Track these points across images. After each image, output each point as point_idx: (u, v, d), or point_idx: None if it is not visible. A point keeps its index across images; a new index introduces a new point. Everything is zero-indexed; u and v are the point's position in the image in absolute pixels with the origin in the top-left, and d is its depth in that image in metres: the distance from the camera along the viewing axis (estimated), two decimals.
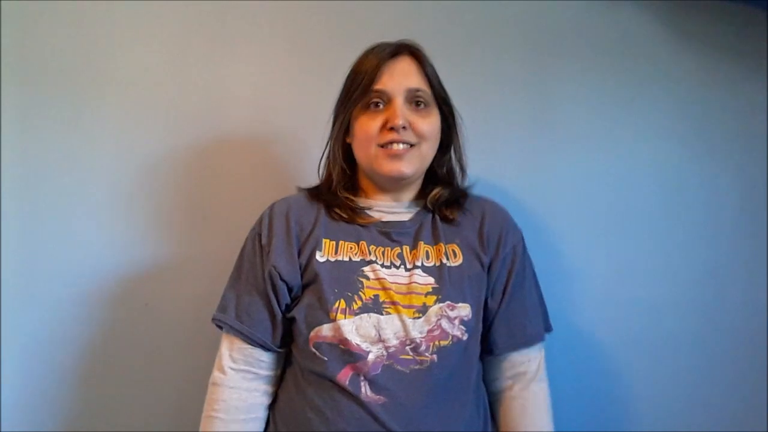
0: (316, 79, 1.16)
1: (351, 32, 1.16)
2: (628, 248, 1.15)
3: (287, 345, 0.93)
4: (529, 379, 0.95)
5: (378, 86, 0.91)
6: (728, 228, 1.15)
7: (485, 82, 1.18)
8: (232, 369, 0.91)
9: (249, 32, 1.17)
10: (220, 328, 0.93)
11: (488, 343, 0.94)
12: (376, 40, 0.95)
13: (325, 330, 0.87)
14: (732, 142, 1.15)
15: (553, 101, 1.17)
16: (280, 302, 0.91)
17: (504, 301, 0.94)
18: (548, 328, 0.99)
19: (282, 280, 0.90)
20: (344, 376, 0.85)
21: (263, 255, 0.92)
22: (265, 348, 0.92)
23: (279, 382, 0.95)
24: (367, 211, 0.96)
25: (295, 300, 0.91)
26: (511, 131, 1.18)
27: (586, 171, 1.17)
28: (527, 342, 0.95)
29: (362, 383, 0.84)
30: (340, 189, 0.97)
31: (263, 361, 0.92)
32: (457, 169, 1.02)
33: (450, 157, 1.00)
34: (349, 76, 0.95)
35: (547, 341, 0.96)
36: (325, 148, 0.99)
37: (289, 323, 0.91)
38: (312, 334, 0.87)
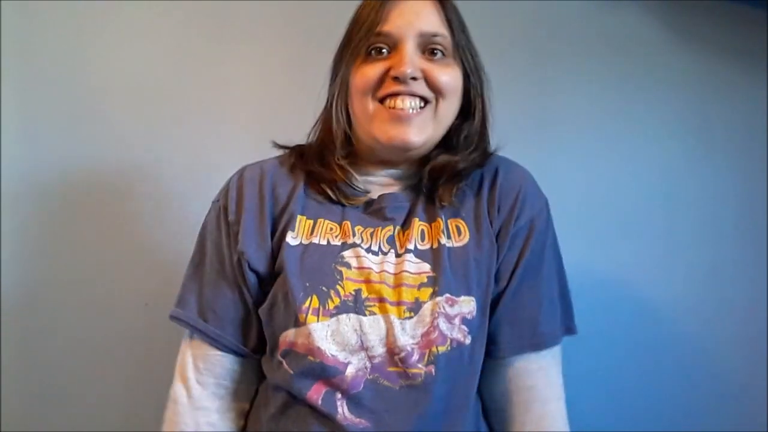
0: (316, 79, 1.16)
1: None
2: (628, 248, 1.15)
3: (264, 350, 0.75)
4: (538, 396, 0.72)
5: (381, 28, 0.71)
6: (728, 228, 1.15)
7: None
8: (197, 382, 0.73)
9: (249, 32, 1.17)
10: (177, 322, 0.76)
11: (488, 341, 0.73)
12: None
13: (293, 336, 0.68)
14: (732, 142, 1.15)
15: (553, 101, 1.17)
16: (251, 295, 0.73)
17: (510, 287, 0.72)
18: (570, 330, 0.76)
19: (251, 269, 0.72)
20: (316, 393, 0.67)
21: (230, 236, 0.73)
22: (237, 354, 0.74)
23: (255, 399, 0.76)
24: (362, 190, 0.76)
25: (266, 294, 0.72)
26: (510, 131, 1.17)
27: (585, 171, 1.16)
28: (538, 344, 0.72)
29: (339, 402, 0.66)
30: (340, 157, 0.75)
31: (235, 370, 0.74)
32: (477, 141, 0.77)
33: (474, 125, 0.77)
34: (351, 21, 0.76)
35: None
36: (324, 108, 0.80)
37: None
38: (281, 339, 0.69)
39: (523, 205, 0.75)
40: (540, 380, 0.73)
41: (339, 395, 0.66)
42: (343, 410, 0.66)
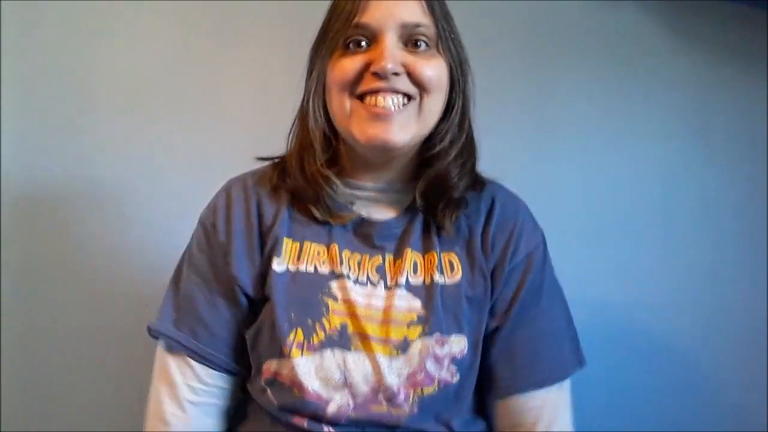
0: None
1: None
2: (628, 248, 1.15)
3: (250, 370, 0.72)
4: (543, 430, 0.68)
5: (359, 19, 0.65)
6: (728, 228, 1.15)
7: (484, 81, 1.17)
8: (191, 403, 0.69)
9: (249, 32, 1.17)
10: (156, 338, 0.71)
11: (486, 379, 0.71)
12: None
13: (276, 366, 0.66)
14: (732, 142, 1.15)
15: (553, 101, 1.17)
16: (243, 316, 0.71)
17: (506, 325, 0.70)
18: (578, 363, 0.72)
19: (243, 292, 0.69)
20: (300, 420, 0.66)
21: (222, 256, 0.70)
22: (230, 373, 0.71)
23: (241, 414, 0.74)
24: (348, 206, 0.71)
25: (255, 315, 0.70)
26: (509, 131, 1.17)
27: (585, 171, 1.16)
28: (537, 382, 0.69)
29: (326, 429, 0.65)
30: (322, 163, 0.68)
31: (227, 389, 0.72)
32: (462, 143, 0.71)
33: (453, 124, 0.70)
34: (328, 10, 0.71)
35: None
36: (300, 106, 0.73)
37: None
38: (265, 366, 0.67)
39: (519, 242, 0.72)
40: (544, 416, 0.69)
41: (324, 423, 0.65)
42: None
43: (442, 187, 0.70)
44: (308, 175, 0.69)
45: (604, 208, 1.16)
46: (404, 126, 0.66)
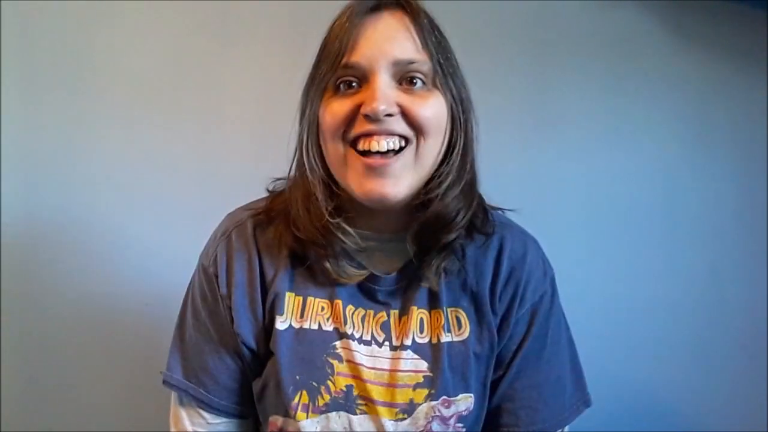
0: None
1: None
2: (628, 248, 1.15)
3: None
4: None
5: (348, 59, 0.60)
6: (728, 228, 1.15)
7: (484, 81, 1.17)
8: None
9: (249, 32, 1.17)
10: (169, 387, 0.71)
11: (488, 421, 0.70)
12: None
13: (282, 423, 0.66)
14: (732, 142, 1.15)
15: (553, 101, 1.17)
16: (247, 366, 0.69)
17: (508, 375, 0.69)
18: (585, 403, 0.72)
19: (247, 348, 0.68)
20: None
21: (225, 308, 0.68)
22: (240, 417, 0.71)
23: None
24: (360, 266, 0.67)
25: (262, 366, 0.69)
26: (510, 131, 1.17)
27: (585, 170, 1.16)
28: (539, 431, 0.69)
29: None
30: (329, 208, 0.63)
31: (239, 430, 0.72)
32: (461, 187, 0.65)
33: (454, 167, 0.64)
34: (320, 46, 0.66)
35: None
36: (295, 154, 0.68)
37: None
38: (271, 420, 0.67)
39: (526, 289, 0.69)
40: None
41: None
42: None
43: (434, 230, 0.64)
44: (318, 227, 0.64)
45: (604, 208, 1.16)
46: (401, 177, 0.61)
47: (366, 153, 0.61)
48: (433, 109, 0.62)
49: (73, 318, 1.13)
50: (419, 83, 0.62)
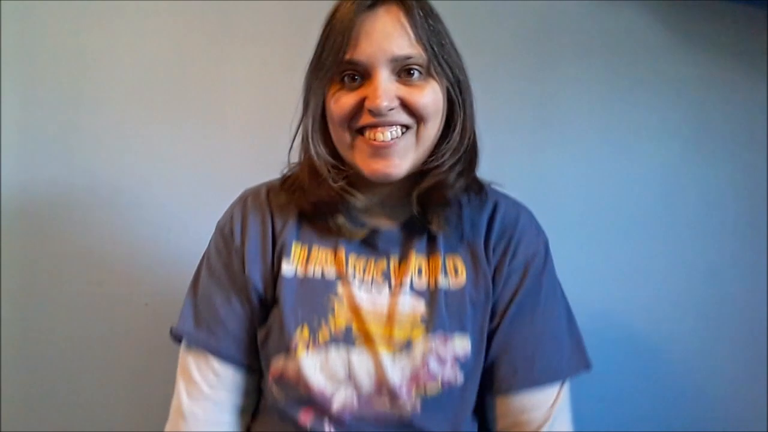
0: None
1: None
2: (628, 248, 1.15)
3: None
4: (531, 430, 0.70)
5: (351, 56, 0.66)
6: (728, 228, 1.15)
7: (485, 81, 1.17)
8: (207, 399, 0.72)
9: (249, 32, 1.17)
10: (178, 341, 0.76)
11: (485, 376, 0.72)
12: None
13: (283, 364, 0.69)
14: (732, 142, 1.15)
15: (553, 101, 1.17)
16: (256, 315, 0.74)
17: (503, 325, 0.72)
18: (581, 366, 0.74)
19: (255, 290, 0.73)
20: (305, 417, 0.69)
21: (237, 258, 0.74)
22: (247, 369, 0.74)
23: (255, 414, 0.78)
24: (362, 223, 0.73)
25: (266, 316, 0.73)
26: (510, 130, 1.18)
27: (585, 170, 1.16)
28: (535, 380, 0.70)
29: (327, 427, 0.68)
30: (338, 179, 0.70)
31: (243, 386, 0.75)
32: (461, 155, 0.72)
33: (454, 142, 0.71)
34: (320, 40, 0.71)
35: None
36: (301, 141, 0.74)
37: None
38: (273, 364, 0.70)
39: (518, 245, 0.74)
40: (541, 414, 0.70)
41: (327, 419, 0.68)
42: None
43: (437, 191, 0.71)
44: (328, 189, 0.71)
45: (604, 208, 1.16)
46: (404, 156, 0.68)
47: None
48: (430, 96, 0.68)
49: (73, 318, 1.13)
50: (416, 74, 0.67)
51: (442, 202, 0.71)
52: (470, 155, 0.74)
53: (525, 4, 1.17)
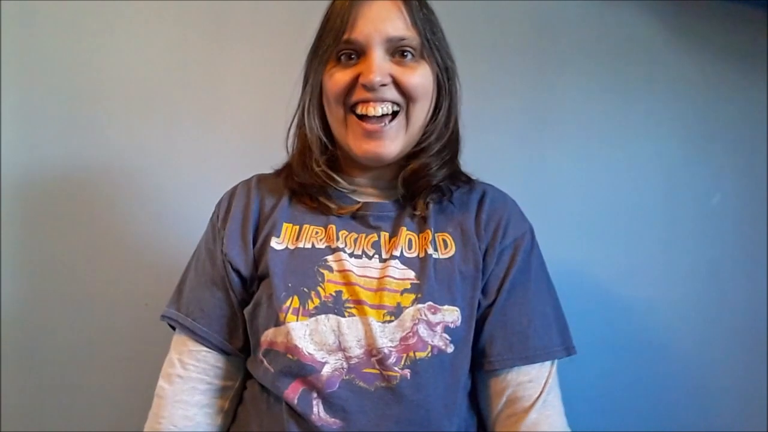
0: None
1: None
2: (628, 248, 1.15)
3: (249, 351, 0.76)
4: (525, 406, 0.71)
5: (349, 35, 0.71)
6: (729, 228, 1.15)
7: (485, 81, 1.17)
8: (179, 377, 0.74)
9: (248, 32, 1.17)
10: (173, 328, 0.79)
11: (479, 354, 0.73)
12: None
13: (273, 334, 0.70)
14: (732, 142, 1.15)
15: (553, 101, 1.17)
16: (236, 296, 0.75)
17: (499, 301, 0.73)
18: (568, 348, 0.75)
19: (234, 270, 0.74)
20: (293, 392, 0.68)
21: (218, 240, 0.76)
22: (222, 351, 0.75)
23: (239, 397, 0.78)
24: (350, 197, 0.77)
25: (251, 296, 0.75)
26: (510, 130, 1.18)
27: (585, 170, 1.16)
28: (529, 357, 0.72)
29: (314, 402, 0.67)
30: (321, 162, 0.75)
31: (219, 367, 0.76)
32: (446, 139, 0.76)
33: (440, 124, 0.76)
34: (320, 25, 0.76)
35: None
36: (295, 113, 0.80)
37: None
38: (262, 338, 0.71)
39: (508, 225, 0.77)
40: (534, 391, 0.72)
41: (315, 395, 0.67)
42: (318, 410, 0.67)
43: (421, 175, 0.75)
44: (312, 173, 0.75)
45: (604, 208, 1.16)
46: (394, 139, 0.73)
47: (363, 117, 0.72)
48: (420, 77, 0.72)
49: (73, 318, 1.13)
50: (409, 56, 0.72)
51: (426, 185, 0.75)
52: (454, 142, 0.78)
53: (525, 4, 1.17)
